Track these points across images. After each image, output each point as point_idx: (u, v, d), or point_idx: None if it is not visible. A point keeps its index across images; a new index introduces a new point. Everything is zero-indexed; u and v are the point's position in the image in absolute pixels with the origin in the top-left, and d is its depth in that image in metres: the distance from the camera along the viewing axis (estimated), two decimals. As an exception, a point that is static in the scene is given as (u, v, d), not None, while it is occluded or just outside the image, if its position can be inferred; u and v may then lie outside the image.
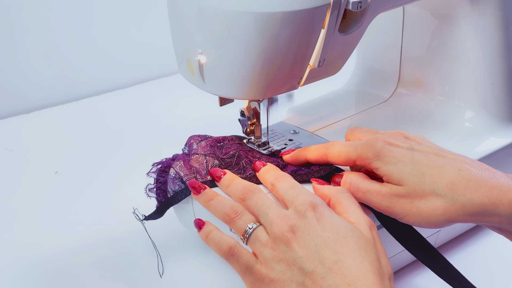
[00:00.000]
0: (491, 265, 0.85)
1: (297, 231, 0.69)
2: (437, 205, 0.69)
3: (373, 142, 0.74)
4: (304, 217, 0.69)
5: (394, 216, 0.72)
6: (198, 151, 0.82)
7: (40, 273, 0.85)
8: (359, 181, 0.74)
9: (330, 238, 0.68)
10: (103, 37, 1.33)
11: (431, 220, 0.70)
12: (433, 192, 0.70)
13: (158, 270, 0.83)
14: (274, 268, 0.69)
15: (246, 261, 0.71)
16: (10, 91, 1.27)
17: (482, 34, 0.89)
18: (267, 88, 0.76)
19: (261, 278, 0.70)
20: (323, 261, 0.67)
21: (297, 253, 0.68)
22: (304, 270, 0.67)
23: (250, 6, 0.70)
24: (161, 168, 0.82)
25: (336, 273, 0.66)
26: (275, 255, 0.69)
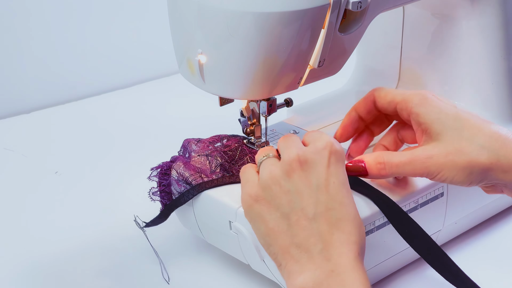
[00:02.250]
0: (491, 264, 0.85)
1: (305, 164, 0.68)
2: (472, 155, 0.70)
3: (421, 91, 0.74)
4: (318, 154, 0.68)
5: (428, 176, 0.72)
6: (198, 152, 0.82)
7: (40, 273, 0.85)
8: (390, 156, 0.73)
9: (335, 184, 0.67)
10: (103, 37, 1.33)
11: (464, 173, 0.70)
12: (471, 143, 0.70)
13: (163, 276, 0.83)
14: (266, 188, 0.68)
15: (246, 177, 0.70)
16: (10, 91, 1.27)
17: (482, 34, 0.89)
18: (267, 88, 0.76)
19: (250, 193, 0.69)
20: (316, 203, 0.66)
21: (294, 185, 0.67)
22: (293, 204, 0.67)
23: (250, 6, 0.70)
24: (162, 171, 0.82)
25: (324, 219, 0.66)
26: (272, 177, 0.68)
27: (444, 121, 0.72)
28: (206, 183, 0.79)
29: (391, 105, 0.75)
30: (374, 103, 0.77)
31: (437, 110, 0.72)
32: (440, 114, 0.72)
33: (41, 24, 1.26)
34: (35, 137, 1.17)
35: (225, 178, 0.79)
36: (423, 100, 0.73)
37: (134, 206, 0.91)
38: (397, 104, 0.75)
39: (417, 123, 0.73)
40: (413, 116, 0.73)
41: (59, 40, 1.29)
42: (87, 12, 1.30)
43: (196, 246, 0.89)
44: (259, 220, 0.68)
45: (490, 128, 0.72)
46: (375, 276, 0.81)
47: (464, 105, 0.92)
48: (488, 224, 0.92)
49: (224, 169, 0.80)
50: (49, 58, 1.29)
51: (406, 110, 0.74)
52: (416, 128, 0.74)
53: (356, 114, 0.79)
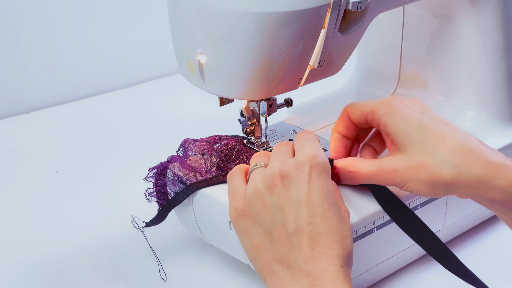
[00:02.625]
0: (491, 264, 0.85)
1: (286, 179, 0.68)
2: (434, 171, 0.70)
3: (389, 99, 0.74)
4: (299, 168, 0.69)
5: (396, 185, 0.72)
6: (194, 151, 0.82)
7: (39, 273, 0.85)
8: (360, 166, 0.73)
9: (316, 198, 0.67)
10: (104, 37, 1.33)
11: (428, 186, 0.70)
12: (433, 157, 0.70)
13: (160, 276, 0.83)
14: (251, 204, 0.69)
15: (233, 188, 0.71)
16: (10, 91, 1.27)
17: (482, 34, 0.89)
18: (267, 88, 0.76)
19: (236, 207, 0.70)
20: (297, 218, 0.66)
21: (276, 201, 0.68)
22: (275, 220, 0.67)
23: (250, 6, 0.70)
24: (158, 171, 0.82)
25: (304, 233, 0.66)
26: (256, 192, 0.69)
27: (409, 132, 0.71)
28: (200, 182, 0.79)
29: (362, 117, 0.75)
30: (350, 119, 0.77)
31: (403, 121, 0.72)
32: (405, 126, 0.72)
33: (41, 24, 1.26)
34: (35, 137, 1.17)
35: (219, 177, 0.79)
36: (390, 110, 0.73)
37: (133, 206, 0.91)
38: (367, 115, 0.75)
39: (385, 133, 0.73)
40: (381, 126, 0.73)
41: (59, 40, 1.29)
42: (87, 12, 1.30)
43: (196, 245, 0.89)
44: (245, 235, 0.69)
45: (454, 140, 0.71)
46: (374, 277, 0.81)
47: (464, 105, 0.93)
48: (488, 224, 0.92)
49: (219, 168, 0.80)
50: (49, 58, 1.29)
51: (374, 120, 0.74)
52: (385, 138, 0.74)
53: (338, 134, 0.78)
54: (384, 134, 0.74)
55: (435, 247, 0.75)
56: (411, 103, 0.74)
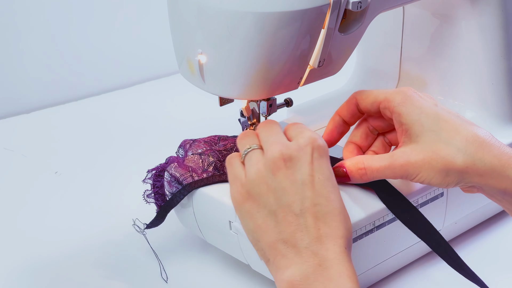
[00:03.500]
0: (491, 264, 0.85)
1: (289, 162, 0.68)
2: (448, 158, 0.70)
3: (404, 89, 0.74)
4: (301, 150, 0.69)
5: (408, 177, 0.72)
6: (192, 151, 0.82)
7: (39, 273, 0.85)
8: (370, 161, 0.73)
9: (320, 180, 0.68)
10: (103, 37, 1.33)
11: (441, 175, 0.71)
12: (447, 145, 0.71)
13: (161, 277, 0.83)
14: (254, 188, 0.69)
15: (234, 172, 0.71)
16: (10, 91, 1.27)
17: (482, 34, 0.89)
18: (267, 88, 0.76)
19: (239, 191, 0.70)
20: (302, 199, 0.67)
21: (280, 183, 0.68)
22: (280, 201, 0.68)
23: (250, 6, 0.70)
24: (156, 173, 0.82)
25: (310, 214, 0.67)
26: (259, 176, 0.69)
27: (424, 122, 0.72)
28: (197, 182, 0.79)
29: (374, 105, 0.76)
30: (357, 105, 0.78)
31: (418, 111, 0.72)
32: (420, 115, 0.72)
33: (41, 24, 1.26)
34: (35, 137, 1.17)
35: (215, 177, 0.79)
36: (405, 99, 0.73)
37: (133, 206, 0.91)
38: (380, 104, 0.75)
39: (398, 122, 0.74)
40: (395, 115, 0.74)
41: (59, 40, 1.29)
42: (87, 12, 1.30)
43: (196, 246, 0.89)
44: (248, 217, 0.69)
45: (468, 130, 0.72)
46: (375, 276, 0.81)
47: (464, 105, 0.93)
48: (488, 224, 0.92)
49: (216, 168, 0.80)
50: (49, 58, 1.29)
51: (388, 109, 0.74)
52: (398, 127, 0.74)
53: (340, 118, 0.79)
54: (396, 124, 0.74)
55: (438, 243, 0.76)
56: (424, 96, 0.75)
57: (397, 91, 0.74)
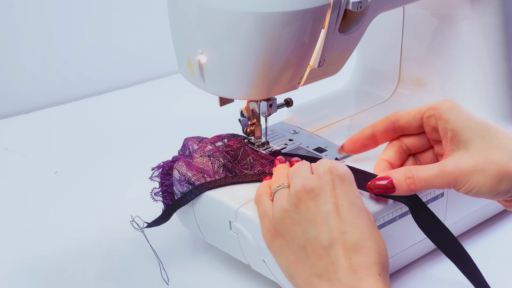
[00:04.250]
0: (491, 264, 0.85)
1: (311, 193, 0.68)
2: (503, 165, 0.68)
3: (448, 99, 0.73)
4: (321, 179, 0.68)
5: (456, 186, 0.70)
6: (200, 152, 0.81)
7: (39, 274, 0.85)
8: (418, 171, 0.71)
9: (344, 206, 0.67)
10: (103, 37, 1.33)
11: (493, 182, 0.69)
12: (500, 152, 0.69)
13: (162, 277, 0.83)
14: (280, 224, 0.69)
15: (263, 210, 0.71)
16: (10, 91, 1.27)
17: (483, 34, 0.89)
18: (267, 88, 0.76)
19: (268, 228, 0.70)
20: (329, 230, 0.66)
21: (305, 216, 0.67)
22: (307, 235, 0.67)
23: (250, 6, 0.70)
24: (163, 171, 0.81)
25: (339, 244, 0.65)
26: (282, 211, 0.69)
27: (473, 129, 0.70)
28: (209, 183, 0.79)
29: (417, 117, 0.74)
30: (394, 122, 0.76)
31: (466, 117, 0.71)
32: (469, 122, 0.71)
33: (41, 24, 1.26)
34: (35, 137, 1.17)
35: (228, 178, 0.79)
36: (452, 106, 0.72)
37: (134, 206, 0.91)
38: (424, 113, 0.73)
39: (444, 129, 0.72)
40: (441, 122, 0.72)
41: (59, 40, 1.28)
42: (87, 12, 1.30)
43: (196, 246, 0.88)
44: (280, 253, 0.69)
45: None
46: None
47: (464, 105, 0.92)
48: (488, 224, 0.92)
49: (227, 169, 0.80)
50: (49, 58, 1.28)
51: (434, 116, 0.73)
52: (443, 135, 0.72)
53: (371, 131, 0.77)
54: (442, 131, 0.72)
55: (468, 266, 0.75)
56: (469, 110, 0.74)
57: (442, 100, 0.73)
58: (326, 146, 0.87)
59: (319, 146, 0.87)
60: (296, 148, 0.87)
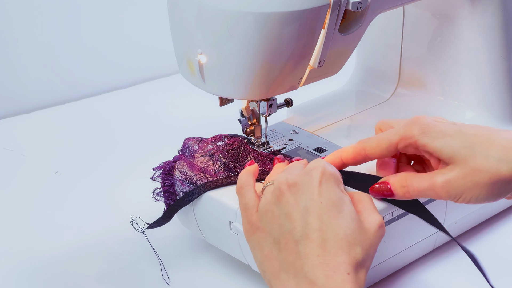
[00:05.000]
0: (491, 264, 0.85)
1: (293, 187, 0.68)
2: (492, 172, 0.68)
3: (415, 120, 0.71)
4: (307, 175, 0.68)
5: (454, 199, 0.70)
6: (201, 152, 0.81)
7: (39, 274, 0.85)
8: (412, 180, 0.71)
9: (323, 205, 0.66)
10: (103, 37, 1.33)
11: (488, 190, 0.68)
12: (486, 159, 0.68)
13: (163, 277, 0.83)
14: (262, 217, 0.69)
15: (246, 202, 0.71)
16: (10, 91, 1.27)
17: (483, 34, 0.89)
18: (267, 88, 0.76)
19: (250, 222, 0.70)
20: (304, 225, 0.66)
21: (283, 209, 0.67)
22: (282, 228, 0.67)
23: (250, 6, 0.70)
24: (165, 171, 0.81)
25: (311, 240, 0.65)
26: (265, 204, 0.69)
27: (451, 143, 0.69)
28: (212, 182, 0.79)
29: (391, 149, 0.72)
30: (365, 156, 0.74)
31: (441, 135, 0.69)
32: (445, 138, 0.69)
33: (41, 23, 1.26)
34: (35, 137, 1.17)
35: (230, 177, 0.79)
36: (423, 128, 0.70)
37: (134, 207, 0.91)
38: (398, 144, 0.72)
39: (427, 153, 0.71)
40: (420, 148, 0.71)
41: (59, 40, 1.29)
42: (87, 12, 1.30)
43: (196, 246, 0.88)
44: (257, 247, 0.69)
45: (502, 137, 0.69)
46: (374, 276, 0.81)
47: (464, 105, 0.93)
48: (488, 224, 0.92)
49: (229, 168, 0.80)
50: (49, 58, 1.29)
51: (410, 145, 0.71)
52: (428, 158, 0.71)
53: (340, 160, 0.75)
54: (426, 155, 0.71)
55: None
56: (439, 118, 0.72)
57: (409, 124, 0.71)
58: (326, 146, 0.87)
59: (319, 146, 0.87)
60: (296, 148, 0.87)
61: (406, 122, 0.72)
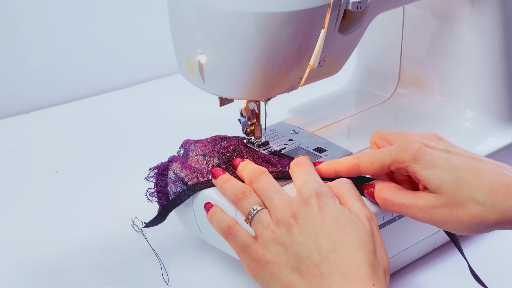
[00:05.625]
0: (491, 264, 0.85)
1: (299, 218, 0.70)
2: (476, 212, 0.68)
3: (408, 145, 0.72)
4: (307, 204, 0.70)
5: (433, 224, 0.71)
6: (196, 152, 0.82)
7: (39, 273, 0.85)
8: (393, 195, 0.73)
9: (330, 226, 0.69)
10: (103, 37, 1.33)
11: (470, 227, 0.69)
12: (472, 199, 0.68)
13: (163, 277, 0.83)
14: (272, 250, 0.70)
15: (243, 241, 0.72)
16: (10, 91, 1.27)
17: (482, 34, 0.89)
18: (267, 88, 0.76)
19: (257, 258, 0.71)
20: (319, 249, 0.68)
21: (296, 239, 0.69)
22: (300, 256, 0.68)
23: (250, 6, 0.70)
24: (159, 171, 0.82)
25: (330, 261, 0.67)
26: (274, 238, 0.70)
27: (440, 175, 0.69)
28: (202, 183, 0.79)
29: (384, 169, 0.73)
30: (359, 172, 0.75)
31: (431, 165, 0.70)
32: (435, 169, 0.70)
33: (42, 24, 1.26)
34: (35, 137, 1.17)
35: None
36: (414, 155, 0.71)
37: (134, 206, 0.91)
38: (390, 166, 0.73)
39: (416, 179, 0.72)
40: (410, 173, 0.72)
41: (59, 40, 1.29)
42: (87, 12, 1.30)
43: (196, 246, 0.89)
44: (273, 280, 0.70)
45: (490, 177, 0.69)
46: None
47: (464, 105, 0.93)
48: (488, 224, 0.92)
49: (222, 169, 0.80)
50: (49, 58, 1.29)
51: (402, 169, 0.72)
52: (418, 181, 0.72)
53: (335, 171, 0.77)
54: (415, 179, 0.72)
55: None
56: (429, 139, 0.72)
57: (402, 149, 0.72)
58: (326, 146, 0.87)
59: (319, 146, 0.87)
60: (296, 148, 0.87)
61: (399, 144, 0.72)
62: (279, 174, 0.79)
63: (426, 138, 0.73)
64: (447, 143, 0.73)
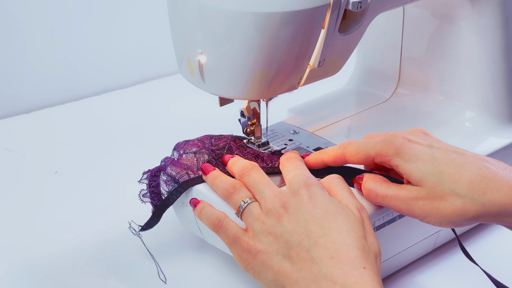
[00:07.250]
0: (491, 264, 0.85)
1: (289, 207, 0.71)
2: (457, 205, 0.69)
3: (392, 139, 0.73)
4: (297, 194, 0.71)
5: (414, 217, 0.72)
6: (187, 150, 0.82)
7: (37, 272, 0.85)
8: (377, 186, 0.74)
9: (319, 214, 0.69)
10: (103, 37, 1.33)
11: (451, 220, 0.70)
12: (453, 192, 0.69)
13: (159, 277, 0.83)
14: (262, 240, 0.71)
15: (234, 233, 0.73)
16: (10, 91, 1.27)
17: (482, 34, 0.89)
18: (267, 88, 0.76)
19: (247, 249, 0.71)
20: (309, 235, 0.68)
21: (286, 227, 0.70)
22: (290, 243, 0.69)
23: (250, 6, 0.70)
24: (151, 173, 0.82)
25: (320, 246, 0.68)
26: (264, 229, 0.71)
27: (422, 168, 0.71)
28: (193, 179, 0.79)
29: (368, 160, 0.75)
30: (345, 162, 0.77)
31: (414, 158, 0.71)
32: (417, 162, 0.71)
33: (42, 24, 1.26)
34: (35, 137, 1.17)
35: None
36: (397, 150, 0.72)
37: (133, 206, 0.91)
38: (374, 159, 0.74)
39: (399, 172, 0.73)
40: (393, 167, 0.73)
41: (60, 40, 1.29)
42: (87, 12, 1.30)
43: (195, 245, 0.89)
44: (264, 268, 0.70)
45: (471, 170, 0.69)
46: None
47: (464, 105, 0.93)
48: (488, 224, 0.92)
49: (211, 165, 0.80)
50: (49, 58, 1.29)
51: (385, 163, 0.74)
52: (401, 175, 0.73)
53: (322, 161, 0.79)
54: (398, 173, 0.74)
55: None
56: (413, 135, 0.74)
57: (386, 142, 0.73)
58: (326, 146, 0.87)
59: (319, 146, 0.87)
60: (296, 148, 0.87)
61: (384, 138, 0.74)
62: (269, 169, 0.80)
63: (411, 134, 0.74)
64: (432, 138, 0.74)
